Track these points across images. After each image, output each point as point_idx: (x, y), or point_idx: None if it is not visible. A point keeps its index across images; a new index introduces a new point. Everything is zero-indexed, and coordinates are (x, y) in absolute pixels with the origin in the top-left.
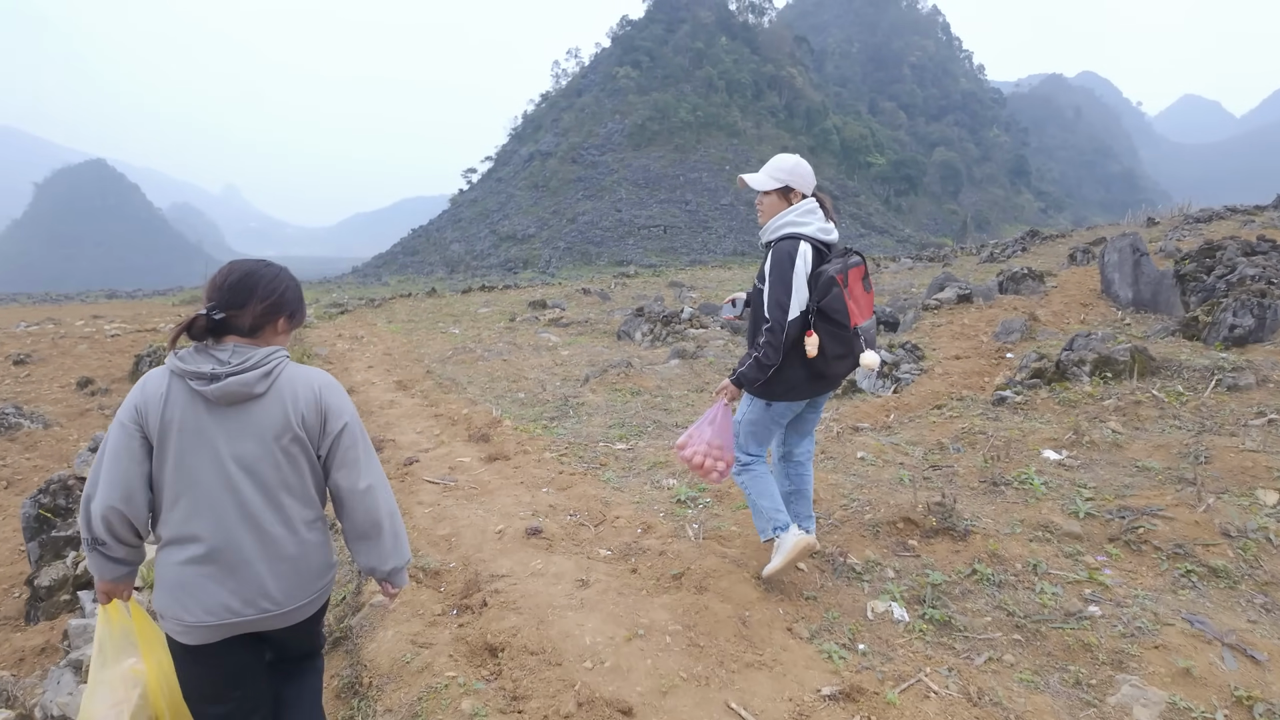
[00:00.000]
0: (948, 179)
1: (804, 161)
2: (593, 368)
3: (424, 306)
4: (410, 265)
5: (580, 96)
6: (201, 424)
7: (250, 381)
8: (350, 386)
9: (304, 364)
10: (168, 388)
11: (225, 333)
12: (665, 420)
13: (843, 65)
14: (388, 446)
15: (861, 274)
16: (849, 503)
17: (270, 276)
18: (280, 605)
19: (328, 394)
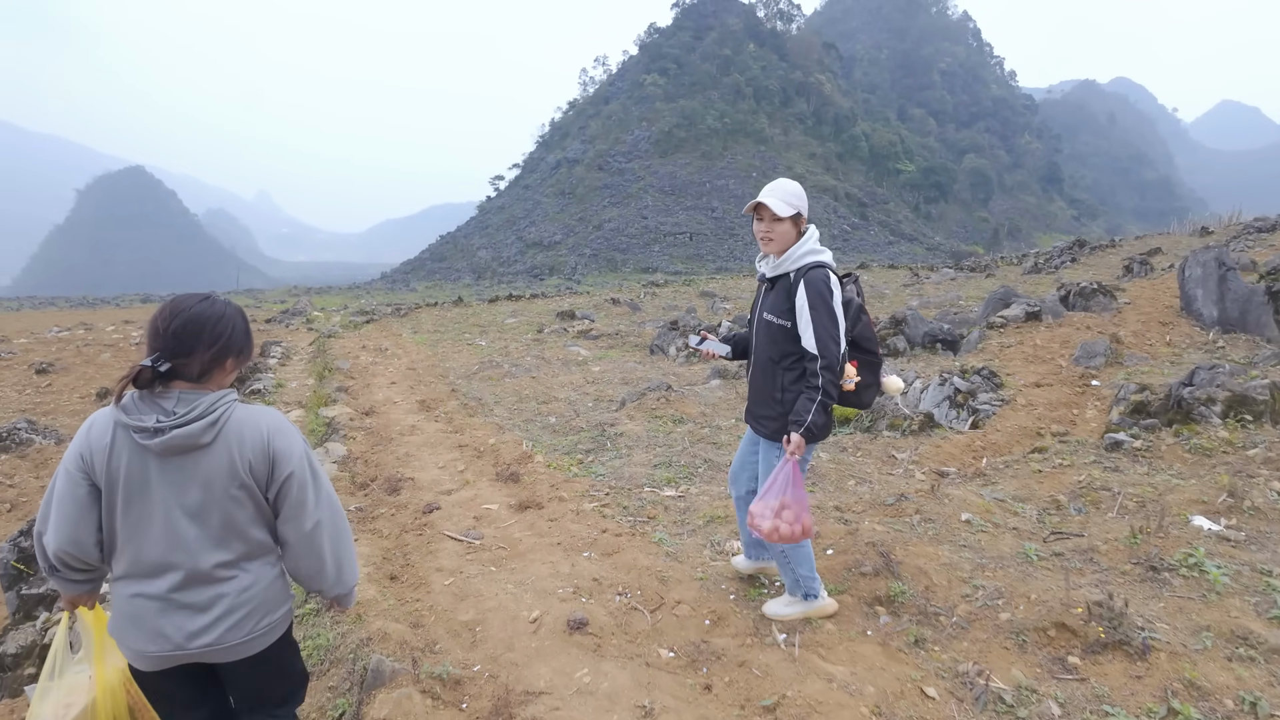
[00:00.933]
0: (978, 186)
1: (799, 185)
2: (628, 389)
3: (450, 316)
4: (438, 271)
5: (607, 104)
6: (148, 475)
7: (195, 433)
8: (370, 407)
9: (325, 375)
10: (113, 437)
11: (172, 379)
12: (717, 459)
13: (871, 72)
14: (406, 487)
15: (865, 300)
16: (973, 592)
17: (216, 318)
18: (225, 640)
19: (276, 439)
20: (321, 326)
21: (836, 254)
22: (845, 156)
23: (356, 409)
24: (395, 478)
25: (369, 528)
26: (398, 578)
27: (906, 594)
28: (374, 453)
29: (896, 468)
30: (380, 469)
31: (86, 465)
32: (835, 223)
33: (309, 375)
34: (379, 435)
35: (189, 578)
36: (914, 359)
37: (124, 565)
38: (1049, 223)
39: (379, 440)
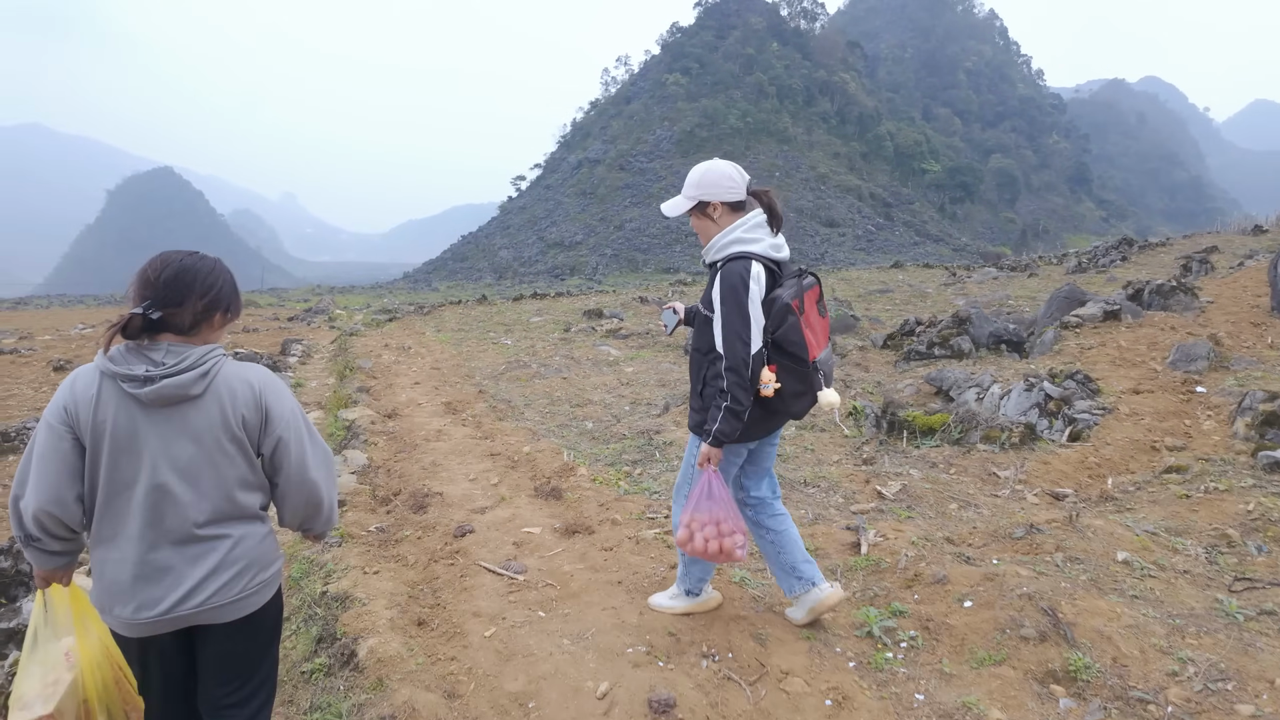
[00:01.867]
0: (1004, 186)
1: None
2: (667, 391)
3: (474, 314)
4: (459, 271)
5: (629, 104)
6: (135, 427)
7: (186, 383)
8: (393, 409)
9: (346, 375)
10: (99, 389)
11: (161, 331)
12: (790, 476)
13: (895, 71)
14: (434, 503)
15: (816, 297)
16: (1180, 668)
17: (206, 270)
18: (217, 599)
19: (268, 393)
20: (344, 325)
21: (861, 255)
22: (870, 156)
23: (378, 411)
24: (421, 492)
25: (391, 553)
26: (426, 623)
27: (1091, 669)
28: (397, 461)
29: (1001, 488)
30: (404, 481)
31: (70, 418)
32: (859, 223)
33: (329, 374)
34: (402, 441)
35: (178, 537)
36: (980, 361)
37: (108, 526)
38: (1077, 224)
39: (402, 447)
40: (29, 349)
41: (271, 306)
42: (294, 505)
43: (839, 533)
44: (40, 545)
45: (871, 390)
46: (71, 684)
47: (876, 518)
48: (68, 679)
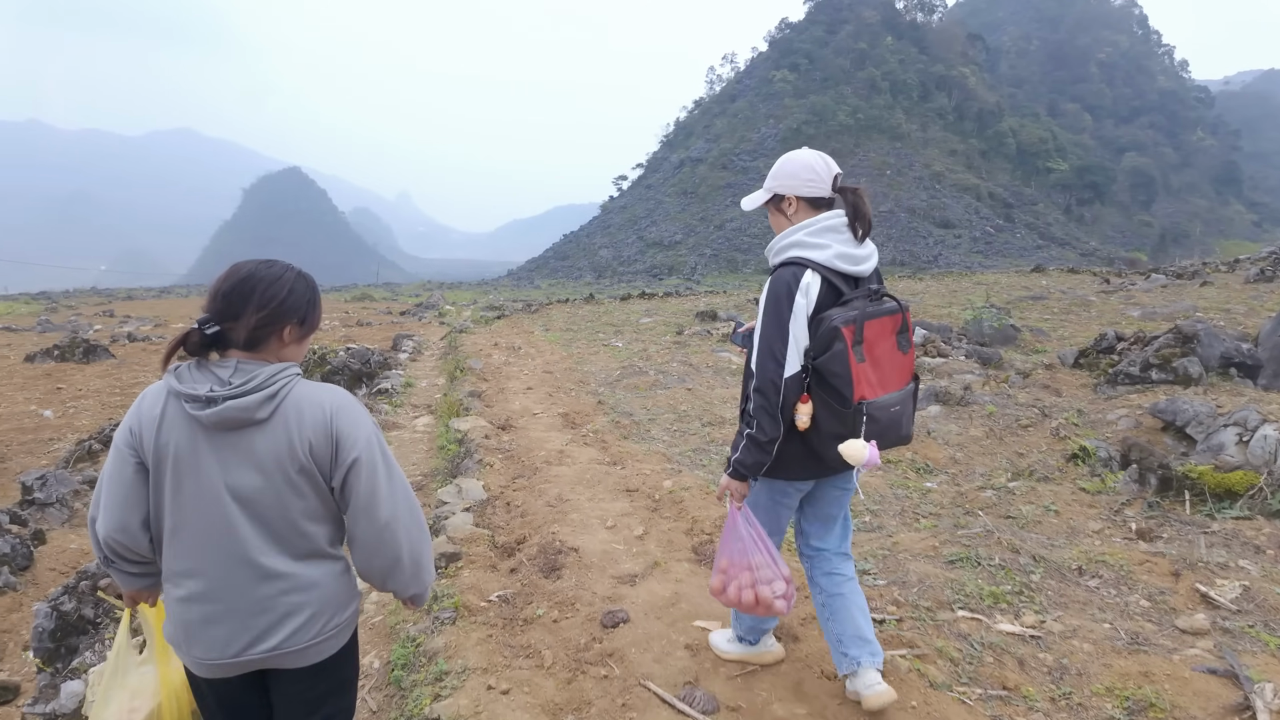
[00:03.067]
0: (1139, 187)
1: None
2: None
3: (582, 314)
4: (560, 270)
5: (734, 102)
6: (198, 451)
7: (250, 406)
8: (506, 418)
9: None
10: (164, 408)
11: (227, 347)
12: (1051, 557)
13: (1019, 64)
14: (568, 564)
15: (894, 328)
16: None
17: (270, 280)
18: (291, 644)
19: (340, 418)
20: (453, 321)
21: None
22: (989, 154)
23: (492, 420)
24: (551, 546)
25: (520, 643)
26: None
27: None
28: (515, 490)
29: None
30: (529, 522)
31: (135, 440)
32: (977, 224)
33: (439, 374)
34: (520, 462)
35: (244, 576)
36: (1212, 389)
37: (173, 559)
38: (1224, 228)
39: (520, 469)
40: (160, 337)
41: (385, 300)
42: (366, 551)
43: (1193, 676)
44: (117, 567)
45: (1075, 421)
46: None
47: (1234, 644)
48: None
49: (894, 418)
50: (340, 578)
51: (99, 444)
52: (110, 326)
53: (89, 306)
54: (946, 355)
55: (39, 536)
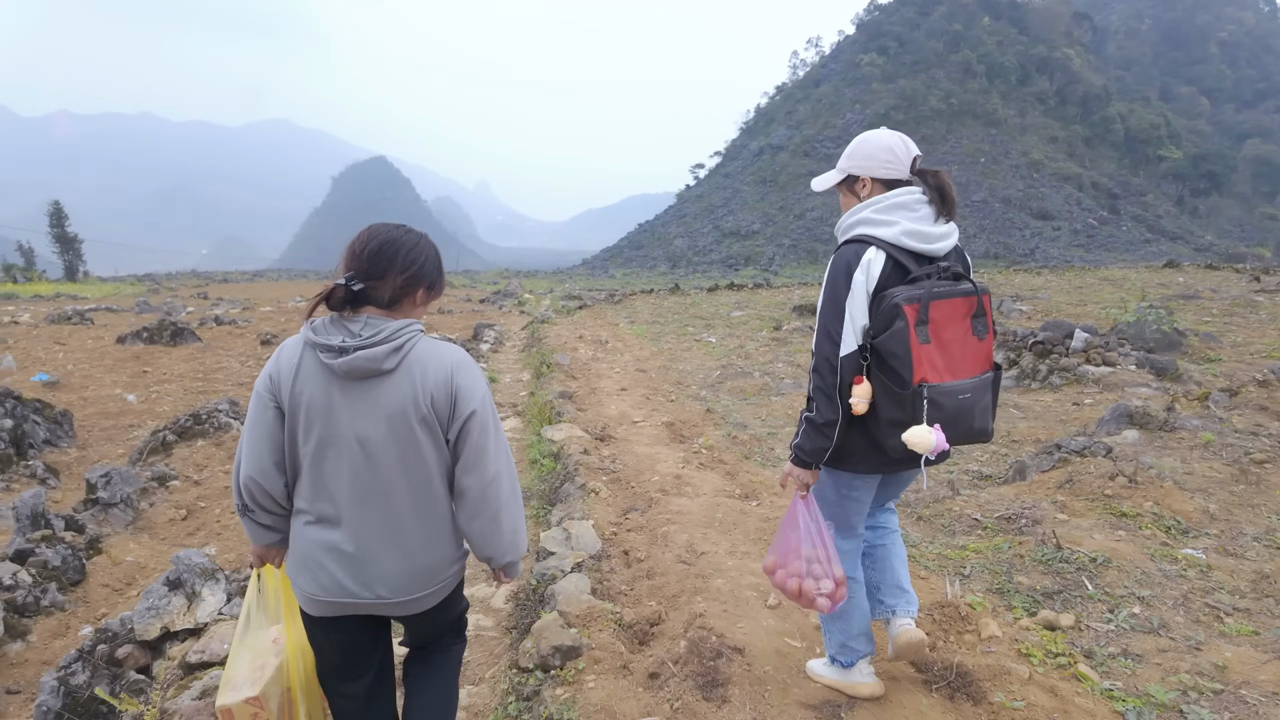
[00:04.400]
0: (1263, 177)
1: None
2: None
3: (668, 305)
4: (634, 259)
5: (818, 87)
6: (330, 399)
7: (378, 357)
8: (603, 426)
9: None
10: (300, 358)
11: (363, 304)
12: None
13: (1129, 45)
14: (734, 675)
15: (968, 311)
16: None
17: (410, 245)
18: (396, 594)
19: (460, 374)
20: (533, 310)
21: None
22: (1094, 141)
23: (588, 428)
24: (703, 642)
25: None
26: None
27: None
28: (630, 530)
29: None
30: (660, 590)
31: (274, 386)
32: (1078, 216)
33: (523, 368)
34: (630, 489)
35: (371, 524)
36: None
37: (304, 499)
38: None
39: (632, 499)
40: (245, 321)
41: (464, 287)
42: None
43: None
44: (252, 516)
45: None
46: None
47: None
48: (274, 664)
49: (962, 406)
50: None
51: (173, 435)
52: (202, 309)
53: (187, 289)
54: (1113, 364)
55: (94, 545)
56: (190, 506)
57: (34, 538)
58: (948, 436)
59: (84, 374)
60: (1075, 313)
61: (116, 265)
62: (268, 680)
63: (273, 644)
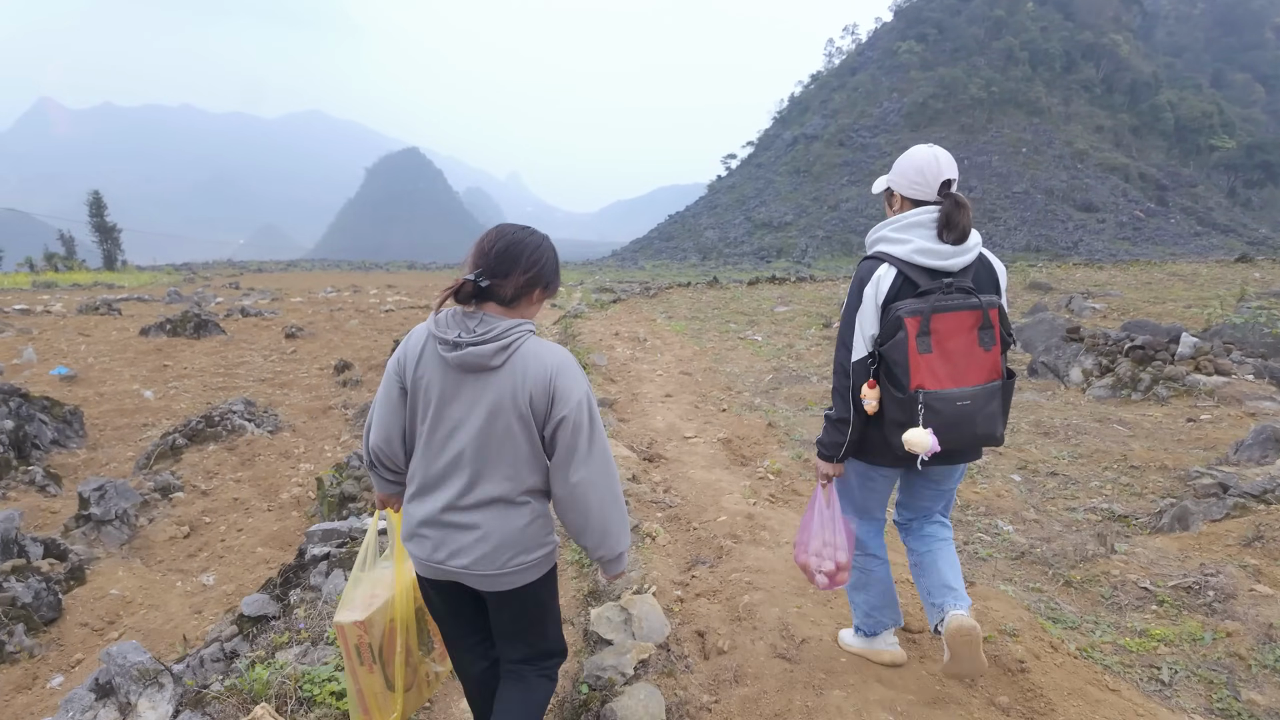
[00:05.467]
0: None
1: (918, 153)
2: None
3: (706, 299)
4: (665, 251)
5: (854, 75)
6: (444, 386)
7: (486, 354)
8: (650, 441)
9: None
10: (424, 345)
11: (487, 299)
12: None
13: (1179, 31)
14: None
15: (973, 323)
16: None
17: (534, 246)
18: (478, 568)
19: (560, 377)
20: (565, 304)
21: (1124, 244)
22: (1142, 130)
23: (634, 446)
24: None
25: None
26: None
27: None
28: (701, 596)
29: None
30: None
31: (400, 368)
32: (1124, 208)
33: None
34: (693, 532)
35: (460, 497)
36: None
37: (416, 471)
38: None
39: (698, 547)
40: (272, 312)
41: None
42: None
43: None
44: (377, 473)
45: None
46: (386, 602)
47: None
48: (384, 596)
49: (962, 412)
50: (536, 521)
51: (184, 438)
52: (232, 300)
53: (221, 278)
54: (1227, 373)
55: (76, 574)
56: (194, 522)
57: (3, 569)
58: (950, 440)
59: (104, 367)
60: (1154, 311)
61: (157, 255)
62: (377, 609)
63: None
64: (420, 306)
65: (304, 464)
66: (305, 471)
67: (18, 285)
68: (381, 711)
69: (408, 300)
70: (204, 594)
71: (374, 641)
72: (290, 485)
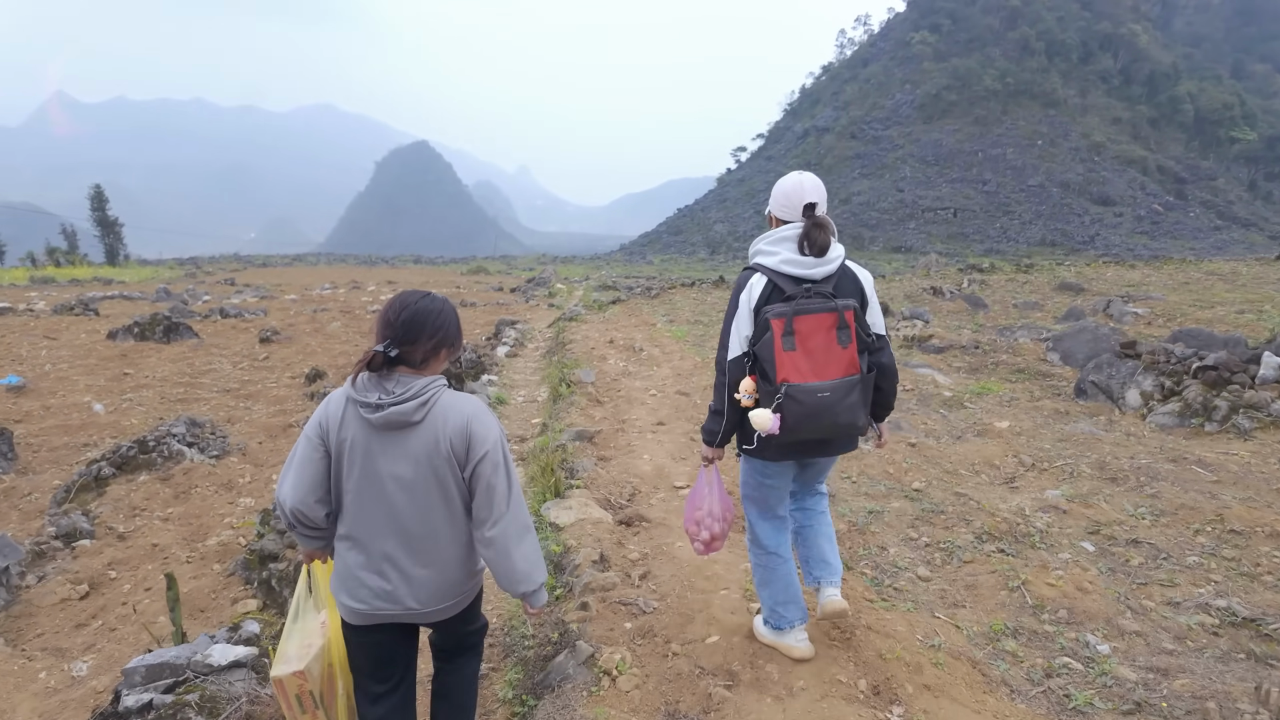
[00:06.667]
0: None
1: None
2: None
3: (712, 301)
4: (673, 245)
5: (866, 66)
6: (369, 445)
7: (408, 412)
8: (632, 493)
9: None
10: (344, 411)
11: (397, 364)
12: None
13: (1198, 20)
14: None
15: (831, 324)
16: None
17: (435, 313)
18: (423, 605)
19: (475, 422)
20: (563, 303)
21: (1142, 239)
22: (1160, 122)
23: (612, 501)
24: None
25: None
26: None
27: None
28: None
29: None
30: None
31: (323, 432)
32: (1142, 201)
33: (542, 380)
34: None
35: (400, 548)
36: None
37: (346, 526)
38: None
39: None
40: (253, 313)
41: (499, 274)
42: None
43: None
44: (299, 531)
45: None
46: (321, 648)
47: None
48: (319, 644)
49: (822, 403)
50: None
51: (112, 467)
52: (221, 297)
53: (223, 273)
54: None
55: None
56: (96, 579)
57: None
58: (815, 428)
59: (59, 375)
60: (1203, 317)
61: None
62: (312, 657)
63: (320, 626)
64: None
65: (245, 498)
66: (244, 508)
67: (14, 281)
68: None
69: None
70: (68, 690)
71: (314, 688)
72: (222, 527)
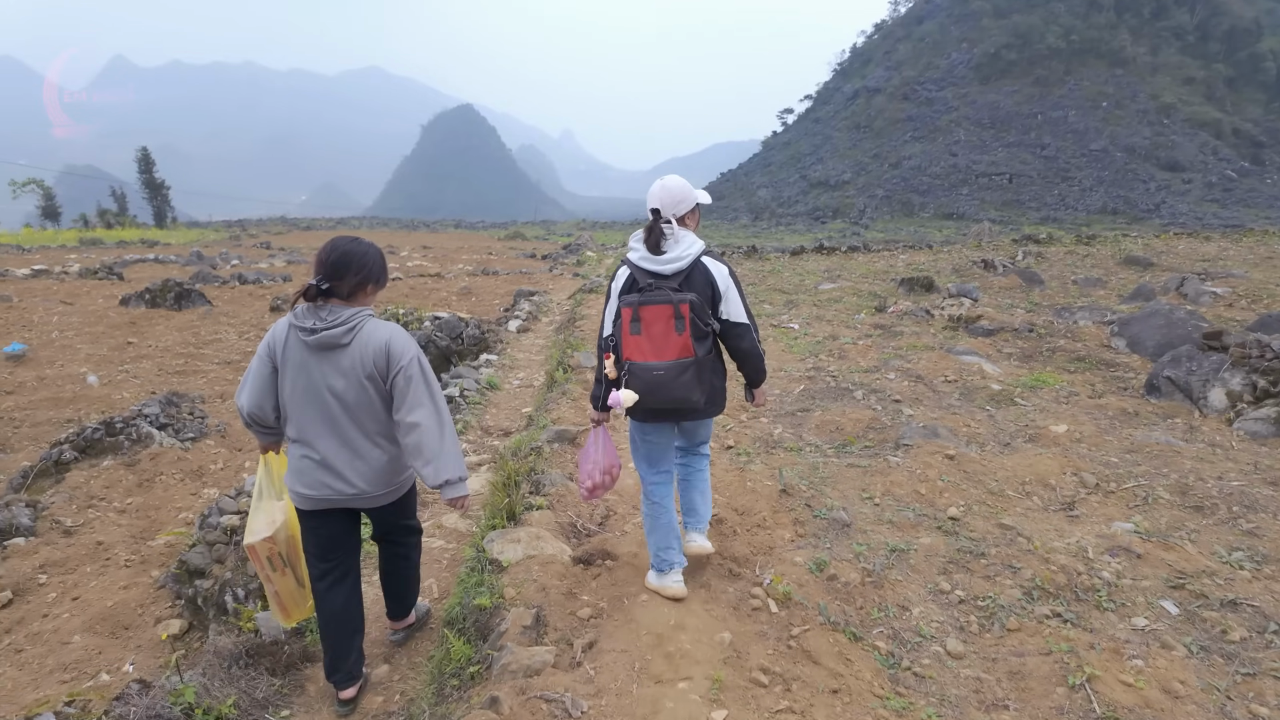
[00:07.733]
0: None
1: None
2: None
3: (741, 273)
4: (715, 211)
5: (921, 24)
6: (307, 362)
7: (337, 335)
8: (603, 518)
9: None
10: (287, 333)
11: (331, 296)
12: None
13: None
14: None
15: (670, 314)
16: None
17: (360, 254)
18: (362, 491)
19: (393, 344)
20: (590, 272)
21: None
22: (1238, 82)
23: (577, 526)
24: None
25: None
26: None
27: None
28: None
29: None
30: None
31: (271, 351)
32: (1214, 167)
33: (545, 361)
34: None
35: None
36: None
37: (293, 430)
38: None
39: None
40: (274, 279)
41: (536, 239)
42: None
43: None
44: (256, 430)
45: None
46: (284, 521)
47: None
48: (281, 519)
49: (657, 380)
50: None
51: (74, 451)
52: (250, 261)
53: (265, 235)
54: None
55: None
56: (24, 585)
57: None
58: (654, 400)
59: (64, 344)
60: None
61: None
62: (279, 526)
63: (279, 504)
64: (430, 275)
65: (210, 488)
66: (207, 499)
67: (65, 243)
68: (297, 606)
69: (430, 266)
70: None
71: (282, 550)
72: (176, 522)
